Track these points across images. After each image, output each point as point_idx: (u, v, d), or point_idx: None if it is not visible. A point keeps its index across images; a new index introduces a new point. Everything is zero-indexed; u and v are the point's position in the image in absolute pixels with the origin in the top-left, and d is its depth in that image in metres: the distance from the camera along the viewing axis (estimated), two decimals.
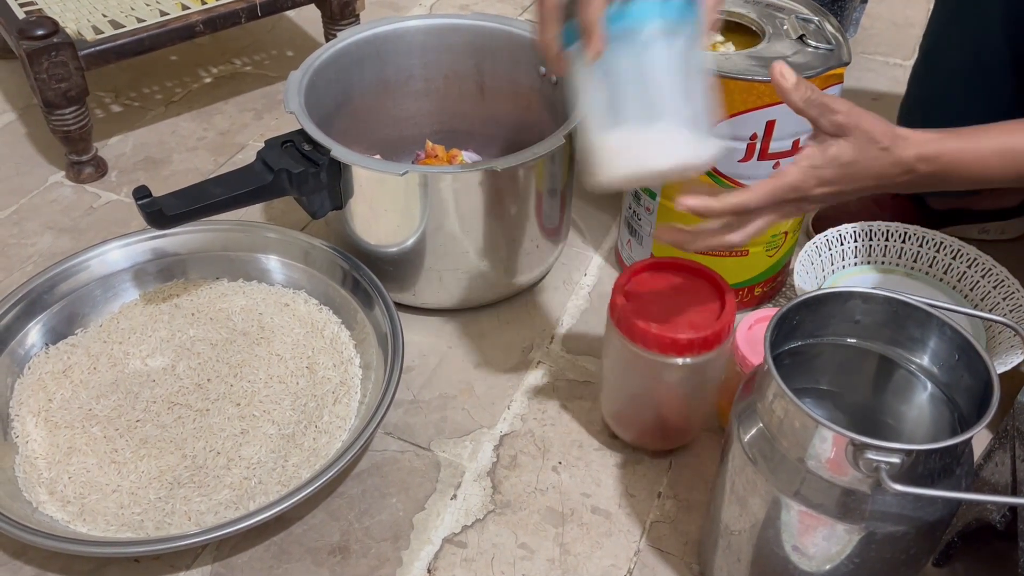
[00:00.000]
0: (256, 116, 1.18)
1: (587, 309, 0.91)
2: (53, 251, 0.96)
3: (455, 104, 1.00)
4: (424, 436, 0.78)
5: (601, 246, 0.98)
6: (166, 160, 1.10)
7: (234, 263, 0.88)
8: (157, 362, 0.80)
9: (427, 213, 0.79)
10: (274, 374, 0.79)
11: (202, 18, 1.04)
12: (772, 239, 0.84)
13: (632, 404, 0.74)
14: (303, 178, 0.78)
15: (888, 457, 0.47)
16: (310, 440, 0.74)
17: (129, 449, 0.73)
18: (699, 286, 0.71)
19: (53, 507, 0.69)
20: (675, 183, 0.81)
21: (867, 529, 0.51)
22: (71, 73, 0.96)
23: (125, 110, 1.19)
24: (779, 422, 0.53)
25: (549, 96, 0.93)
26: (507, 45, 0.94)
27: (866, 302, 0.57)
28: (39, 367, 0.79)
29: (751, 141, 0.75)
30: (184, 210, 0.76)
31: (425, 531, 0.71)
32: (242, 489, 0.70)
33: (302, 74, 0.86)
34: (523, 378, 0.83)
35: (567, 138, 0.79)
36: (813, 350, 0.59)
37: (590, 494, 0.73)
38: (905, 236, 0.88)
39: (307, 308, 0.85)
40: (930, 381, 0.57)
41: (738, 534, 0.59)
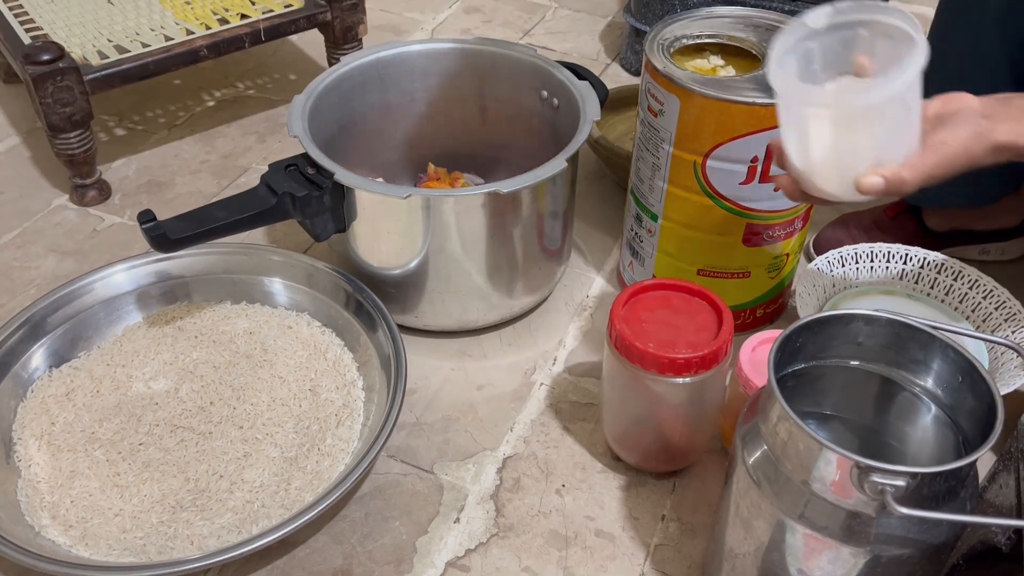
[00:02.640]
0: (259, 139, 1.18)
1: (589, 331, 0.91)
2: (57, 274, 0.97)
3: (457, 127, 1.00)
4: (427, 459, 0.78)
5: (603, 268, 0.98)
6: (169, 183, 1.11)
7: (237, 286, 0.88)
8: (160, 385, 0.80)
9: (430, 236, 0.80)
10: (277, 397, 0.79)
11: (206, 43, 1.04)
12: (774, 261, 0.84)
13: (634, 426, 0.74)
14: (307, 201, 0.78)
15: (893, 480, 0.47)
16: (313, 463, 0.74)
17: (132, 472, 0.73)
18: (697, 306, 0.71)
19: (55, 531, 0.69)
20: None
21: (872, 552, 0.51)
22: (76, 97, 0.97)
23: (129, 133, 1.20)
24: (783, 444, 0.53)
25: (551, 119, 0.93)
26: (509, 69, 0.95)
27: (869, 324, 0.57)
28: (42, 390, 0.79)
29: (752, 164, 0.76)
30: (188, 234, 0.76)
31: (428, 555, 0.70)
32: (245, 513, 0.70)
33: (306, 98, 0.86)
34: (526, 400, 0.83)
35: (569, 161, 0.80)
36: (816, 372, 0.59)
37: (594, 517, 0.73)
38: (906, 257, 0.88)
39: (310, 331, 0.85)
40: (934, 403, 0.57)
41: (743, 557, 0.59)
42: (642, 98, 0.81)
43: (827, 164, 0.60)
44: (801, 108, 0.59)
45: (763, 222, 0.80)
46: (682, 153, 0.78)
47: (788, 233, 0.83)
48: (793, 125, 0.60)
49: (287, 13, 1.11)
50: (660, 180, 0.81)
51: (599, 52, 1.39)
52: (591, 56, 1.38)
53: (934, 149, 0.58)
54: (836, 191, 0.61)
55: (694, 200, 0.80)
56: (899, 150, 0.58)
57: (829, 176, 0.60)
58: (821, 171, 0.60)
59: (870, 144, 0.58)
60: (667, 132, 0.78)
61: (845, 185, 0.60)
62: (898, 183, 0.58)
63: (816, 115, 0.58)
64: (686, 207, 0.81)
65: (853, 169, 0.59)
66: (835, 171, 0.60)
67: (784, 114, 0.60)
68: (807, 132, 0.59)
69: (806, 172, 0.61)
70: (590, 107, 0.85)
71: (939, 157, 0.58)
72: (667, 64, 0.76)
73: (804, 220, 0.84)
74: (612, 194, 1.08)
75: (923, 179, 0.58)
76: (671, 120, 0.77)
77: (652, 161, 0.81)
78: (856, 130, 0.58)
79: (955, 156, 0.58)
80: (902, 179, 0.58)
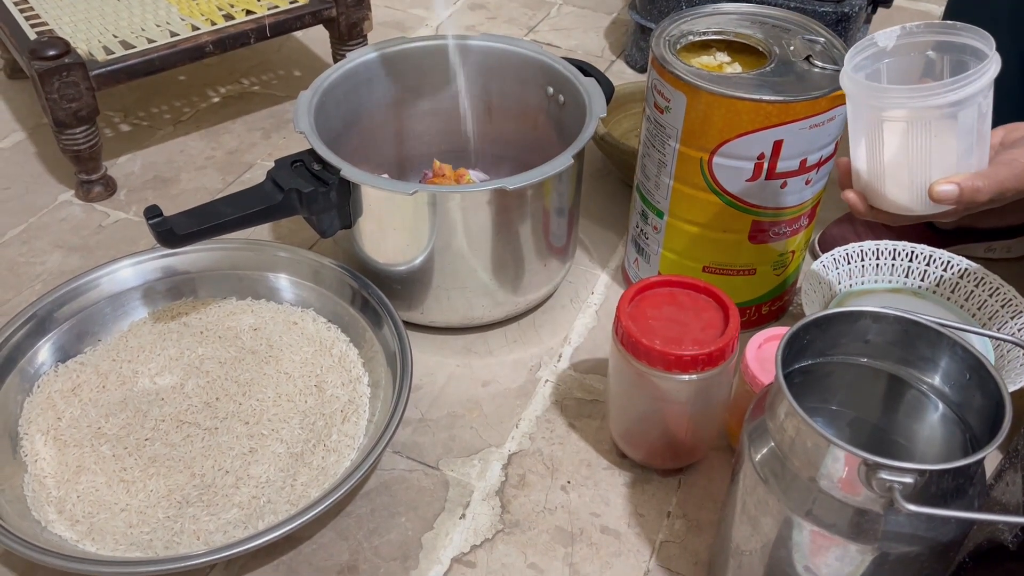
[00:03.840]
0: (264, 135, 1.18)
1: (595, 327, 0.91)
2: (62, 269, 0.97)
3: (463, 124, 1.00)
4: (432, 455, 0.78)
5: (608, 265, 0.98)
6: (175, 179, 1.11)
7: (243, 282, 0.88)
8: (166, 380, 0.80)
9: (435, 232, 0.80)
10: (283, 392, 0.79)
11: (212, 39, 1.04)
12: (779, 258, 0.84)
13: (639, 423, 0.74)
14: (313, 197, 0.78)
15: (901, 477, 0.47)
16: (319, 459, 0.74)
17: (138, 468, 0.73)
18: (703, 303, 0.71)
19: (62, 526, 0.69)
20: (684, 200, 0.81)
21: (880, 549, 0.51)
22: (82, 93, 0.97)
23: (134, 129, 1.20)
24: (791, 441, 0.53)
25: (556, 116, 0.93)
26: (514, 66, 0.95)
27: (876, 322, 0.57)
28: (48, 385, 0.79)
29: (759, 161, 0.76)
30: (195, 229, 0.76)
31: (434, 550, 0.70)
32: (251, 508, 0.70)
33: (311, 94, 0.86)
34: (531, 397, 0.83)
35: (575, 158, 0.79)
36: (823, 369, 0.59)
37: (599, 513, 0.73)
38: (913, 255, 0.88)
39: (316, 327, 0.85)
40: (941, 401, 0.57)
41: (749, 554, 0.59)
42: (648, 95, 0.81)
43: (899, 172, 0.59)
44: (874, 111, 0.58)
45: (769, 219, 0.80)
46: (688, 150, 0.78)
47: (794, 230, 0.83)
48: (864, 131, 0.60)
49: (292, 9, 1.10)
50: (666, 177, 0.81)
51: (604, 49, 1.39)
52: (596, 53, 1.37)
53: (1006, 164, 0.58)
54: (907, 202, 0.60)
55: (700, 197, 0.80)
56: (971, 161, 0.58)
57: (901, 185, 0.60)
58: (892, 180, 0.60)
59: (944, 151, 0.58)
60: (673, 129, 0.78)
61: (917, 194, 0.59)
62: (972, 191, 0.57)
63: (891, 117, 0.58)
64: (692, 204, 0.81)
65: (926, 177, 0.58)
66: (907, 179, 0.59)
67: (855, 120, 0.60)
68: (880, 137, 0.59)
69: (875, 182, 0.60)
70: (596, 104, 0.85)
71: (1012, 171, 0.58)
72: (673, 61, 0.76)
73: (810, 217, 0.84)
74: (617, 191, 1.08)
75: (996, 190, 0.58)
76: (677, 117, 0.77)
77: (658, 158, 0.81)
78: (931, 134, 0.57)
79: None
80: (976, 187, 0.57)
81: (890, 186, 0.60)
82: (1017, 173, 0.58)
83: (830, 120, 0.74)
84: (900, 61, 0.60)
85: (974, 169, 0.59)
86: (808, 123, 0.73)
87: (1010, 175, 0.58)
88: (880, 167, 0.60)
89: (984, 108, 0.57)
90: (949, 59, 0.59)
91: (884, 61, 0.60)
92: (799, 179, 0.78)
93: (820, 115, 0.73)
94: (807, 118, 0.73)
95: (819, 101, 0.72)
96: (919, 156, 0.58)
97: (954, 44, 0.58)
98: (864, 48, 0.60)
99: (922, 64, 0.60)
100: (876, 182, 0.61)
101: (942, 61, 0.59)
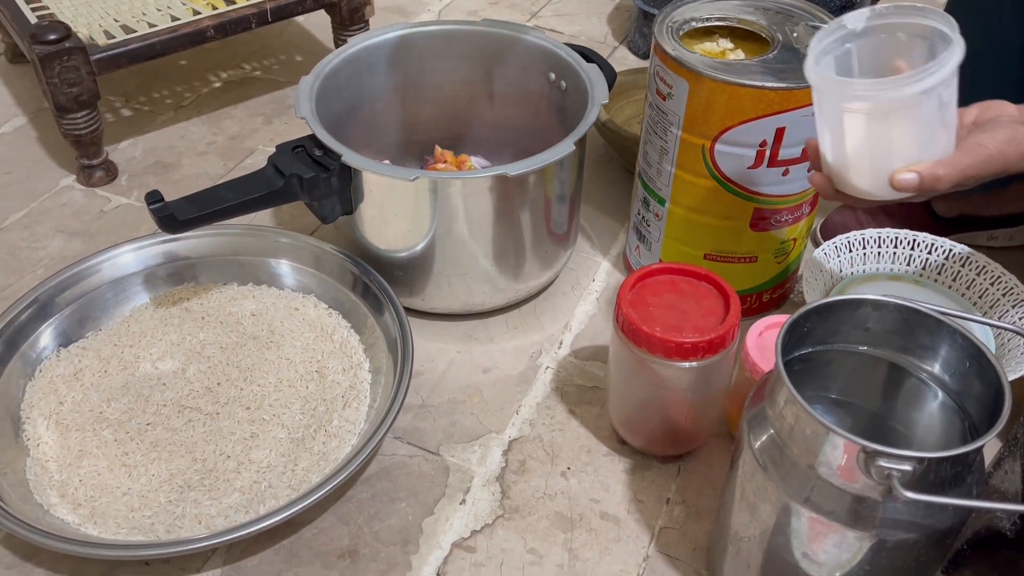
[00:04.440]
0: (265, 121, 1.18)
1: (595, 315, 0.91)
2: (64, 255, 0.97)
3: (464, 110, 1.00)
4: (433, 441, 0.78)
5: (609, 252, 0.98)
6: (176, 164, 1.11)
7: (244, 267, 0.88)
8: (167, 365, 0.80)
9: (437, 218, 0.80)
10: (284, 378, 0.79)
11: (213, 23, 1.04)
12: (781, 246, 0.84)
13: (640, 410, 0.74)
14: (314, 183, 0.78)
15: (900, 465, 0.47)
16: (320, 444, 0.74)
17: (140, 452, 0.73)
18: (704, 290, 0.71)
19: (64, 510, 0.69)
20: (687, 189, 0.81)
21: (878, 536, 0.51)
22: (83, 78, 0.97)
23: (135, 114, 1.19)
24: (790, 429, 0.53)
25: (558, 102, 0.93)
26: (516, 51, 0.94)
27: (877, 310, 0.57)
28: (50, 370, 0.79)
29: (761, 148, 0.76)
30: (196, 215, 0.76)
31: (434, 535, 0.71)
32: (252, 493, 0.71)
33: (313, 79, 0.86)
34: (531, 383, 0.83)
35: (577, 144, 0.79)
36: (823, 357, 0.59)
37: (599, 500, 0.73)
38: (914, 243, 0.88)
39: (317, 312, 0.85)
40: (940, 389, 0.57)
41: (748, 541, 0.59)
42: (651, 81, 0.80)
43: (861, 160, 0.59)
44: (837, 102, 0.58)
45: (771, 207, 0.80)
46: (690, 137, 0.78)
47: (796, 218, 0.82)
48: (828, 120, 0.60)
49: None
50: (668, 164, 0.81)
51: (606, 35, 1.38)
52: (598, 39, 1.37)
53: (970, 150, 0.58)
54: (869, 188, 0.60)
55: (702, 184, 0.80)
56: (934, 149, 0.58)
57: (863, 173, 0.60)
58: (855, 168, 0.60)
59: (905, 141, 0.58)
60: (675, 116, 0.78)
61: (879, 182, 0.59)
62: (932, 180, 0.57)
63: (851, 109, 0.58)
64: (694, 191, 0.81)
65: (887, 165, 0.58)
66: (869, 167, 0.59)
67: (819, 109, 0.60)
68: (842, 127, 0.59)
69: (840, 169, 0.61)
70: (598, 90, 0.85)
71: (974, 158, 0.58)
72: (676, 47, 0.76)
73: (812, 205, 0.83)
74: (619, 178, 1.08)
75: (958, 178, 0.58)
76: (680, 104, 0.76)
77: (660, 145, 0.81)
78: (891, 125, 0.57)
79: (990, 158, 0.58)
80: (936, 176, 0.57)
81: (853, 173, 0.61)
82: (981, 160, 0.58)
83: None
84: (870, 42, 0.60)
85: (938, 155, 0.58)
86: (810, 110, 0.72)
87: (973, 162, 0.58)
88: (843, 155, 0.60)
89: (946, 97, 0.57)
90: (919, 42, 0.59)
91: (854, 42, 0.60)
92: (801, 167, 0.77)
93: None
94: (809, 105, 0.72)
95: None
96: (880, 146, 0.59)
97: (922, 27, 0.58)
98: (833, 30, 0.59)
99: (893, 45, 0.59)
100: (840, 168, 0.61)
101: (911, 45, 0.59)
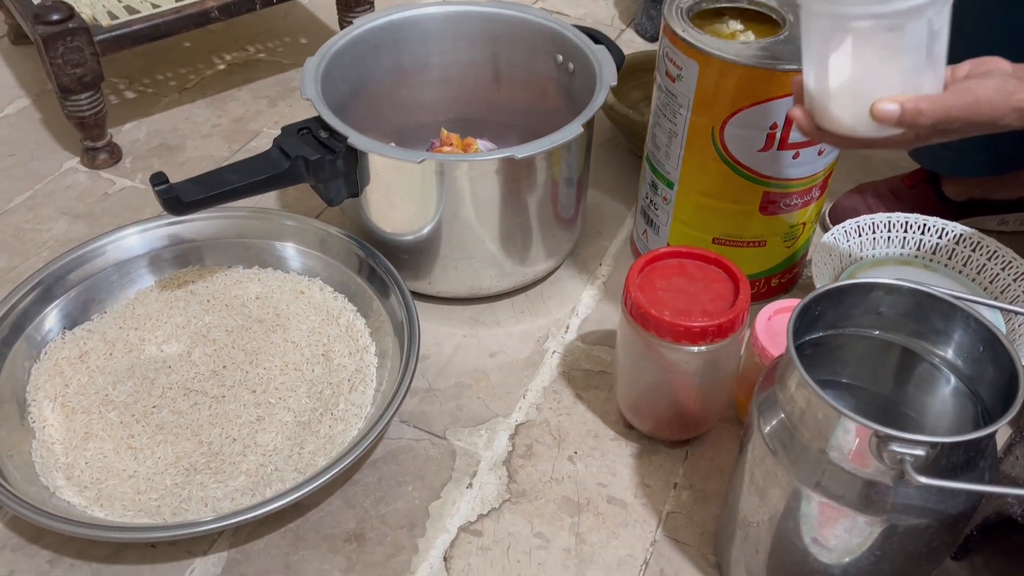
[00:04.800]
0: (270, 103, 1.17)
1: (602, 299, 0.90)
2: (68, 237, 0.96)
3: (471, 92, 0.99)
4: (440, 425, 0.78)
5: (616, 236, 0.98)
6: (180, 147, 1.10)
7: (250, 250, 0.88)
8: (173, 348, 0.80)
9: (443, 201, 0.79)
10: (290, 361, 0.79)
11: (217, 4, 1.03)
12: (790, 230, 0.83)
13: (647, 394, 0.74)
14: (320, 165, 0.78)
15: (913, 449, 0.47)
16: (326, 428, 0.74)
17: (145, 435, 0.73)
18: (713, 274, 0.71)
19: (70, 492, 0.69)
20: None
21: (888, 521, 0.51)
22: (86, 58, 0.96)
23: (139, 96, 1.19)
24: (801, 413, 0.52)
25: (565, 84, 0.92)
26: (523, 33, 0.93)
27: (889, 294, 0.57)
28: (56, 352, 0.79)
29: (771, 131, 0.75)
30: (201, 196, 0.75)
31: (441, 519, 0.70)
32: (258, 476, 0.70)
33: (318, 60, 0.85)
34: (538, 368, 0.83)
35: (585, 127, 0.78)
36: (835, 342, 0.59)
37: (606, 484, 0.73)
38: (924, 228, 0.87)
39: (323, 296, 0.85)
40: (953, 374, 0.57)
41: (756, 525, 0.59)
42: (660, 63, 0.79)
43: (843, 89, 0.58)
44: (821, 18, 0.57)
45: (780, 190, 0.79)
46: (700, 119, 0.77)
47: (805, 202, 0.82)
48: (814, 46, 0.59)
49: None
50: (677, 147, 0.80)
51: (614, 18, 1.37)
52: (605, 22, 1.36)
53: (959, 92, 0.56)
54: (850, 120, 0.59)
55: (711, 167, 0.79)
56: (921, 82, 0.57)
57: (844, 104, 0.58)
58: (837, 97, 0.58)
59: (889, 69, 0.56)
60: (685, 98, 0.77)
61: (859, 114, 0.58)
62: (914, 113, 0.56)
63: (839, 29, 0.56)
64: (703, 174, 0.80)
65: (869, 96, 0.57)
66: (850, 97, 0.58)
67: (806, 30, 0.59)
68: (827, 52, 0.57)
69: (822, 99, 0.59)
70: (606, 72, 0.84)
71: (961, 99, 0.56)
72: (686, 28, 0.75)
73: (821, 189, 0.83)
74: (626, 162, 1.07)
75: (941, 115, 0.56)
76: (689, 85, 0.76)
77: (669, 127, 0.80)
78: (876, 48, 0.56)
79: (977, 103, 0.56)
80: (919, 109, 0.56)
81: (834, 104, 0.59)
82: (968, 102, 0.56)
83: None
84: None
85: (925, 92, 0.57)
86: None
87: (958, 103, 0.56)
88: (825, 82, 0.59)
89: (936, 26, 0.55)
90: None
91: None
92: (811, 150, 0.77)
93: None
94: None
95: None
96: (864, 72, 0.57)
97: None
98: None
99: None
100: (822, 99, 0.60)
101: None
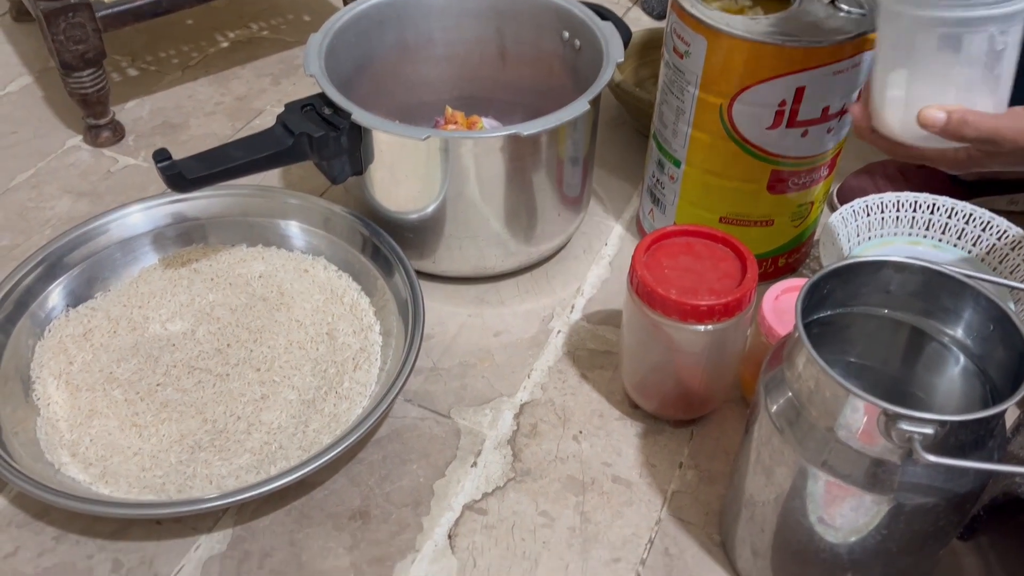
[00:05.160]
0: (273, 81, 1.17)
1: (608, 279, 0.90)
2: (71, 215, 0.96)
3: (475, 70, 0.98)
4: (444, 403, 0.77)
5: (622, 216, 0.97)
6: (183, 125, 1.09)
7: (254, 228, 0.87)
8: (177, 326, 0.80)
9: (448, 179, 0.78)
10: (294, 340, 0.79)
11: None
12: (798, 209, 0.83)
13: (653, 373, 0.73)
14: (323, 142, 0.77)
15: (922, 428, 0.47)
16: (331, 406, 0.74)
17: (150, 413, 0.73)
18: (720, 253, 0.70)
19: (75, 468, 0.69)
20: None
21: (896, 500, 0.51)
22: (88, 35, 0.95)
23: (142, 74, 1.18)
24: (809, 391, 0.52)
25: (572, 62, 0.91)
26: (529, 9, 0.92)
27: (899, 272, 0.56)
28: (60, 330, 0.79)
29: (780, 108, 0.74)
30: (204, 173, 0.75)
31: (445, 498, 0.70)
32: (263, 454, 0.70)
33: (322, 37, 0.84)
34: (543, 347, 0.83)
35: (591, 104, 0.78)
36: (843, 320, 0.58)
37: (611, 463, 0.73)
38: (934, 207, 0.86)
39: (327, 274, 0.85)
40: (962, 353, 0.56)
41: (762, 505, 0.58)
42: (667, 39, 0.78)
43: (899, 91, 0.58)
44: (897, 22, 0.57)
45: (789, 168, 0.79)
46: (708, 96, 0.76)
47: (814, 181, 0.81)
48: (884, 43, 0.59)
49: None
50: (684, 124, 0.79)
51: None
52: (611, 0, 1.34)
53: (1014, 115, 0.56)
54: (898, 125, 0.59)
55: (719, 145, 0.78)
56: (975, 101, 0.57)
57: (896, 106, 0.59)
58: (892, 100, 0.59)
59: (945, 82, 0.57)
60: (693, 74, 0.76)
61: (908, 119, 0.58)
62: (959, 123, 0.56)
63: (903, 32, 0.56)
64: (710, 153, 0.79)
65: (921, 103, 0.57)
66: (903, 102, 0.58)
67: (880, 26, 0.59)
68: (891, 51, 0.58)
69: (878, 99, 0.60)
70: (613, 48, 0.83)
71: (1015, 122, 0.56)
72: (694, 3, 0.74)
73: (830, 168, 0.82)
74: (632, 141, 1.06)
75: (989, 132, 0.56)
76: (697, 62, 0.75)
77: (676, 105, 0.79)
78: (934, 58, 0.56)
79: None
80: (964, 120, 0.56)
81: (888, 107, 0.60)
82: (1020, 127, 0.55)
83: (855, 66, 0.72)
84: None
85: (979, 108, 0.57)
86: (832, 69, 0.71)
87: (1012, 125, 0.56)
88: (884, 83, 0.59)
89: (1000, 44, 0.55)
90: None
91: None
92: (821, 127, 0.76)
93: (844, 60, 0.71)
94: (831, 63, 0.71)
95: (844, 46, 0.70)
96: (918, 80, 0.57)
97: None
98: None
99: None
100: (878, 98, 0.60)
101: None
